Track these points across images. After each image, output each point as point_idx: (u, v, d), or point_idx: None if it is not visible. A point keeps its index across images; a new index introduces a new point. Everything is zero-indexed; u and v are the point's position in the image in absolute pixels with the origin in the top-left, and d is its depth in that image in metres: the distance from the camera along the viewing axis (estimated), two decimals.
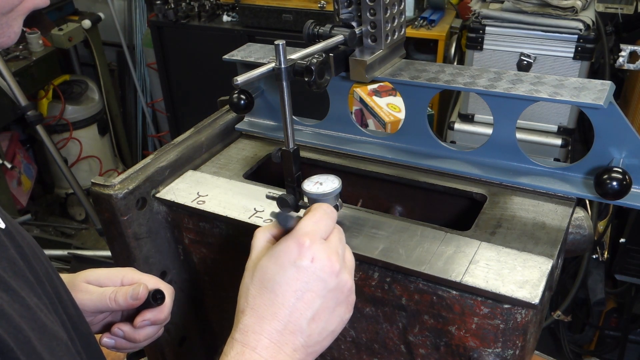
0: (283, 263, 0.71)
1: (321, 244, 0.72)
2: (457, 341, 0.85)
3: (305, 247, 0.71)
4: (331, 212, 0.77)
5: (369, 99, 2.17)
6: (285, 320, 0.69)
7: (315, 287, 0.71)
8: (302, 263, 0.70)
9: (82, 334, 0.73)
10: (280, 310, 0.69)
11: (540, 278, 0.78)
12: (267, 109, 1.20)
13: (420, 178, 1.04)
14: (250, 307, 0.71)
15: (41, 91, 3.52)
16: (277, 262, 0.71)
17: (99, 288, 0.87)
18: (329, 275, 0.71)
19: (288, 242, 0.72)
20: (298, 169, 0.90)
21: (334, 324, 0.73)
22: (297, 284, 0.70)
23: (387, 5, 0.93)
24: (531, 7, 2.20)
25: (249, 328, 0.69)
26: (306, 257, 0.70)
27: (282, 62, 0.81)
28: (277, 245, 0.73)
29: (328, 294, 0.71)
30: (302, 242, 0.71)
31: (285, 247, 0.72)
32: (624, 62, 1.96)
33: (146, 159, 1.04)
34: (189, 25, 3.37)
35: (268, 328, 0.69)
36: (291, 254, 0.71)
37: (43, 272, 0.68)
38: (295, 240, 0.72)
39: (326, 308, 0.72)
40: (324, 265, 0.71)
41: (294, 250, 0.71)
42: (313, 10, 3.02)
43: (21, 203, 3.50)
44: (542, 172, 0.96)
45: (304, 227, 0.73)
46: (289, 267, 0.70)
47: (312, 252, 0.71)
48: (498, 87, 0.91)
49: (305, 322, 0.70)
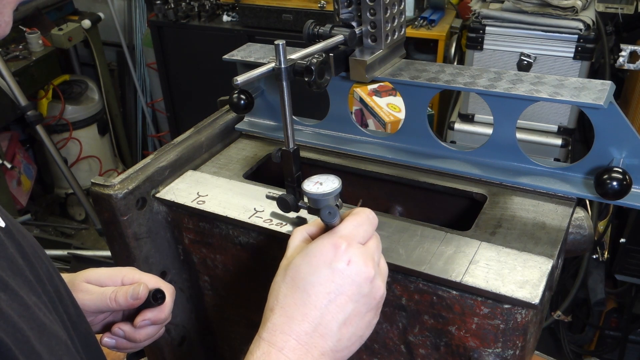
0: (318, 263, 0.69)
1: (358, 248, 0.71)
2: (457, 341, 0.85)
3: (342, 249, 0.69)
4: (373, 219, 0.75)
5: (369, 99, 2.17)
6: (316, 322, 0.68)
7: (349, 291, 0.69)
8: (337, 265, 0.69)
9: (82, 334, 0.72)
10: (312, 312, 0.68)
11: (541, 278, 0.78)
12: (267, 109, 1.20)
13: (420, 178, 1.04)
14: (280, 305, 0.69)
15: (41, 91, 3.52)
16: (312, 262, 0.69)
17: (100, 288, 0.87)
18: (364, 280, 0.70)
19: (324, 242, 0.70)
20: (298, 169, 0.90)
21: (363, 329, 0.72)
22: (331, 286, 0.68)
23: (387, 5, 0.93)
24: (531, 7, 2.20)
25: (278, 327, 0.68)
26: (342, 259, 0.69)
27: (282, 62, 0.81)
28: (312, 245, 0.71)
29: (361, 299, 0.70)
30: (339, 244, 0.69)
31: (321, 247, 0.70)
32: (624, 62, 1.96)
33: (146, 159, 1.04)
34: (189, 25, 3.37)
35: (297, 329, 0.67)
36: (327, 254, 0.69)
37: (44, 271, 0.68)
38: (333, 241, 0.70)
39: (358, 313, 0.70)
40: (359, 270, 0.69)
41: (330, 251, 0.69)
42: (313, 10, 3.02)
43: (21, 203, 3.49)
44: (542, 172, 0.96)
45: (343, 229, 0.72)
46: (324, 268, 0.69)
47: (349, 255, 0.69)
48: (498, 87, 0.91)
49: (336, 325, 0.69)
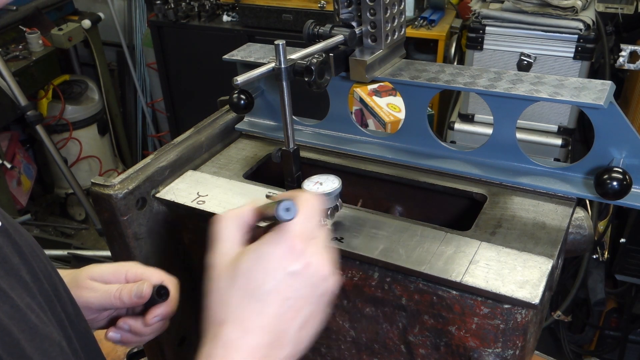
0: (273, 268, 0.64)
1: (314, 246, 0.67)
2: (457, 341, 0.85)
3: (298, 251, 0.64)
4: (319, 205, 0.69)
5: (369, 99, 2.17)
6: (275, 333, 0.63)
7: (306, 294, 0.65)
8: (295, 269, 0.64)
9: (81, 333, 0.72)
10: (270, 322, 0.63)
11: (541, 278, 0.78)
12: (267, 109, 1.20)
13: (420, 178, 1.04)
14: (233, 318, 0.63)
15: (41, 91, 3.52)
16: (267, 268, 0.64)
17: (104, 285, 0.85)
18: (321, 280, 0.66)
19: (279, 244, 0.65)
20: (298, 169, 0.90)
21: (318, 326, 0.68)
22: (288, 292, 0.64)
23: (387, 5, 0.93)
24: (531, 7, 2.20)
25: (233, 344, 0.62)
26: (299, 262, 0.64)
27: (282, 62, 0.81)
28: (264, 246, 0.65)
29: (318, 299, 0.67)
30: (295, 246, 0.65)
31: (276, 249, 0.65)
32: (624, 62, 1.96)
33: (146, 159, 1.04)
34: (189, 25, 3.37)
35: (255, 343, 0.63)
36: (283, 258, 0.64)
37: (42, 270, 0.67)
38: (288, 243, 0.65)
39: (314, 314, 0.67)
40: (317, 270, 0.65)
41: (286, 254, 0.64)
42: (313, 10, 3.02)
43: (21, 203, 3.49)
44: (542, 172, 0.96)
45: (295, 226, 0.66)
46: (280, 273, 0.64)
47: (306, 257, 0.65)
48: (498, 87, 0.91)
49: (294, 331, 0.65)
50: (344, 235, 0.89)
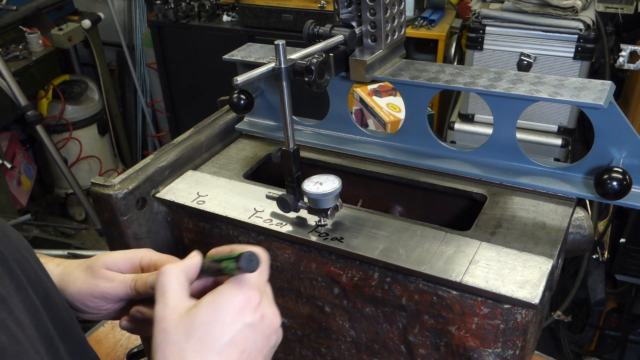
0: (232, 321, 0.65)
1: (267, 298, 0.69)
2: (457, 341, 0.85)
3: (255, 303, 0.66)
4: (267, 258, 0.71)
5: (369, 99, 2.17)
6: None
7: (261, 345, 0.67)
8: (251, 321, 0.66)
9: (74, 339, 0.70)
10: None
11: (541, 278, 0.78)
12: (267, 109, 1.20)
13: (420, 178, 1.04)
14: None
15: (41, 91, 3.52)
16: (225, 320, 0.64)
17: (120, 275, 0.82)
18: (273, 332, 0.69)
19: (237, 295, 0.66)
20: (298, 169, 0.90)
21: None
22: (245, 344, 0.65)
23: (387, 5, 0.93)
24: (531, 7, 2.20)
25: None
26: (256, 314, 0.66)
27: (282, 62, 0.81)
28: (221, 298, 0.66)
29: (269, 351, 0.69)
30: (252, 298, 0.66)
31: (234, 301, 0.65)
32: (624, 62, 1.96)
33: (146, 159, 1.04)
34: (189, 25, 3.37)
35: None
36: (241, 310, 0.65)
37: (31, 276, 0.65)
38: (245, 294, 0.66)
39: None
40: (271, 323, 0.68)
41: (244, 306, 0.65)
42: (313, 10, 3.02)
43: (21, 203, 3.49)
44: (542, 172, 0.96)
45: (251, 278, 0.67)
46: (238, 325, 0.65)
47: (262, 310, 0.67)
48: (498, 87, 0.91)
49: None
50: (344, 235, 0.89)
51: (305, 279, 0.95)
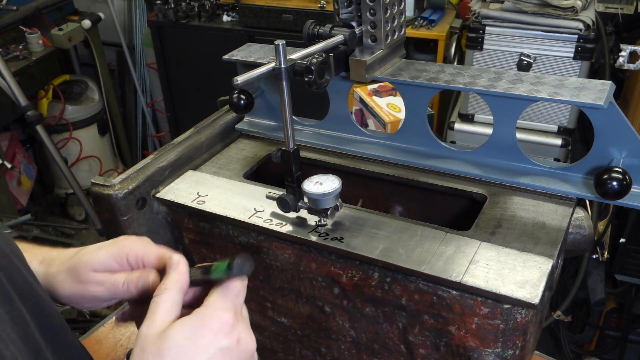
0: (206, 345, 0.63)
1: (243, 321, 0.68)
2: (457, 341, 0.85)
3: (230, 326, 0.65)
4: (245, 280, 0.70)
5: (369, 99, 2.17)
6: None
7: None
8: (227, 345, 0.65)
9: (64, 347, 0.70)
10: None
11: (540, 278, 0.78)
12: (267, 109, 1.20)
13: (420, 178, 1.04)
14: None
15: (41, 91, 3.52)
16: (199, 344, 0.63)
17: (110, 277, 0.80)
18: (249, 356, 0.67)
19: (212, 317, 0.65)
20: (298, 169, 0.90)
21: None
22: None
23: (387, 5, 0.93)
24: (531, 7, 2.20)
25: None
26: (232, 338, 0.65)
27: (282, 62, 0.81)
28: (195, 321, 0.65)
29: None
30: (227, 321, 0.65)
31: (209, 325, 0.64)
32: (624, 62, 1.96)
33: (146, 159, 1.04)
34: (189, 25, 3.37)
35: None
36: (216, 333, 0.64)
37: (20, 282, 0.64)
38: (221, 317, 0.65)
39: None
40: (247, 346, 0.67)
41: (219, 329, 0.64)
42: (313, 10, 3.02)
43: (21, 203, 3.49)
44: (542, 172, 0.96)
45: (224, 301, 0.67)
46: (213, 348, 0.64)
47: (238, 333, 0.66)
48: (498, 87, 0.91)
49: None
50: (344, 235, 0.89)
51: (305, 279, 0.95)
